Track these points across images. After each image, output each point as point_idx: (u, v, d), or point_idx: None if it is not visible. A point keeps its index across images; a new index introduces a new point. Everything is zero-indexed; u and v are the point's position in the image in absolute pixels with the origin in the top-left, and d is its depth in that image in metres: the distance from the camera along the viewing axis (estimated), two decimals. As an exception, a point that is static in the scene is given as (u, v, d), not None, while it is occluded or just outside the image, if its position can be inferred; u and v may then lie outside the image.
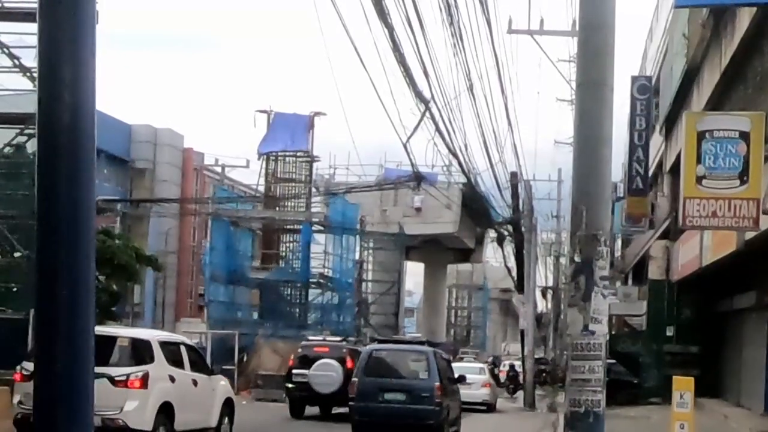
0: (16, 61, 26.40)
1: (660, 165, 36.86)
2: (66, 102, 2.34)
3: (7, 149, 28.63)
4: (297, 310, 45.74)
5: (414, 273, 76.29)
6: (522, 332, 38.56)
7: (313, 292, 46.46)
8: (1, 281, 29.25)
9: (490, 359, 58.67)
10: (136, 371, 15.21)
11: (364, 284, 54.74)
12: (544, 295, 65.70)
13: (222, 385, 18.52)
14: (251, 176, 63.63)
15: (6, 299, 28.67)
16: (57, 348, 2.38)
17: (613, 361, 31.68)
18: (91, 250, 2.41)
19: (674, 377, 20.72)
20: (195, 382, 16.91)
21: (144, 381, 15.25)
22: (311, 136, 47.31)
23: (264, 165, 47.74)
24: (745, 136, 16.48)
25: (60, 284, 2.36)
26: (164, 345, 16.39)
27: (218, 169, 65.41)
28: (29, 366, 15.35)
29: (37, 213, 2.36)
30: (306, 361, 25.87)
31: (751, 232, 17.68)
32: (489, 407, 32.42)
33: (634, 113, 31.83)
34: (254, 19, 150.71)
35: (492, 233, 48.24)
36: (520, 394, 39.92)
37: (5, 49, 26.66)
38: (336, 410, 25.29)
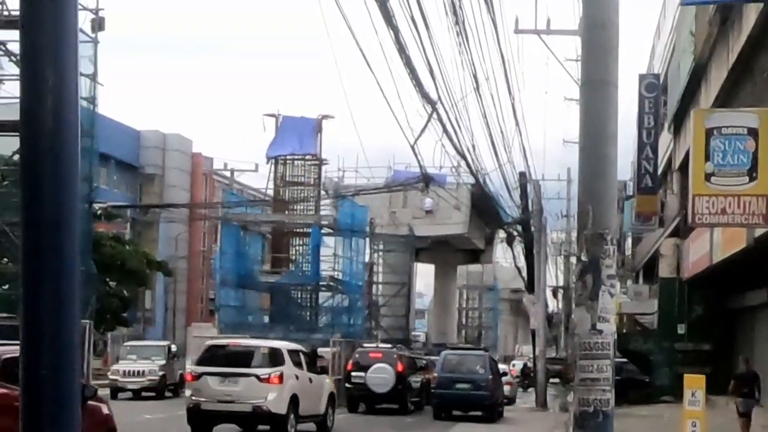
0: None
1: (669, 163, 36.79)
2: (49, 106, 2.34)
3: (16, 157, 28.75)
4: (307, 313, 45.75)
5: (424, 274, 76.24)
6: (533, 332, 38.52)
7: (323, 295, 46.46)
8: (14, 288, 29.33)
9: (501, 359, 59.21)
10: (274, 371, 20.26)
11: (374, 286, 54.70)
12: (554, 295, 65.60)
13: (327, 383, 23.71)
14: (260, 180, 63.74)
15: (17, 305, 28.73)
16: (42, 351, 2.37)
17: (625, 359, 31.64)
18: (76, 253, 2.40)
19: (686, 375, 20.68)
20: (310, 380, 21.96)
21: (280, 378, 20.26)
22: (319, 139, 47.34)
23: (273, 169, 47.76)
24: (753, 132, 16.44)
25: (45, 288, 2.36)
26: (290, 351, 21.58)
27: (227, 174, 65.49)
28: (198, 369, 20.96)
29: (21, 217, 2.36)
30: (362, 365, 30.25)
31: (761, 229, 17.64)
32: (510, 401, 36.21)
33: (643, 111, 31.80)
34: (261, 23, 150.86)
35: (502, 233, 48.19)
36: (531, 390, 40.75)
37: (13, 57, 26.74)
38: (382, 406, 30.10)
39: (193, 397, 20.59)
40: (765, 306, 24.77)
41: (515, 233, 39.04)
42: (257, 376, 20.01)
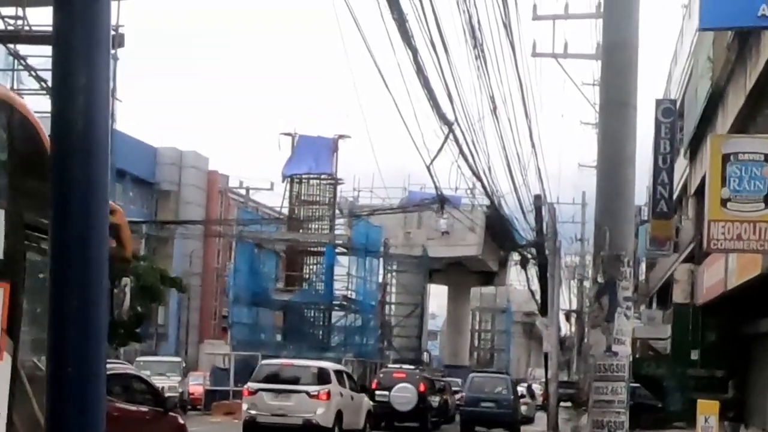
0: (43, 84, 26.66)
1: (684, 188, 36.72)
2: (80, 106, 2.37)
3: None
4: (320, 332, 45.76)
5: (437, 295, 76.14)
6: (545, 355, 38.40)
7: (336, 315, 46.46)
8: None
9: None
10: (322, 388, 22.83)
11: (387, 307, 54.69)
12: (567, 319, 65.39)
13: (366, 401, 26.57)
14: (275, 198, 63.64)
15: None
16: (69, 350, 2.38)
17: (638, 384, 31.51)
18: (105, 252, 2.43)
19: (699, 401, 20.58)
20: (352, 397, 24.57)
21: (328, 395, 22.77)
22: (335, 158, 47.46)
23: (288, 187, 47.91)
24: (770, 158, 16.41)
25: (71, 288, 2.38)
26: (336, 372, 24.34)
27: (243, 192, 65.69)
28: (254, 385, 23.46)
29: (51, 216, 2.38)
30: (386, 385, 31.79)
31: (777, 255, 17.59)
32: (529, 420, 39.20)
33: (659, 136, 31.76)
34: (280, 42, 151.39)
35: (516, 256, 48.09)
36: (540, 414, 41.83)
37: (33, 72, 26.94)
38: (403, 424, 31.82)
39: (250, 411, 23.07)
40: (779, 333, 24.67)
41: (529, 256, 38.95)
42: (308, 393, 22.63)
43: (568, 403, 49.83)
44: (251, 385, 23.81)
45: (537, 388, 50.94)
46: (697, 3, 22.14)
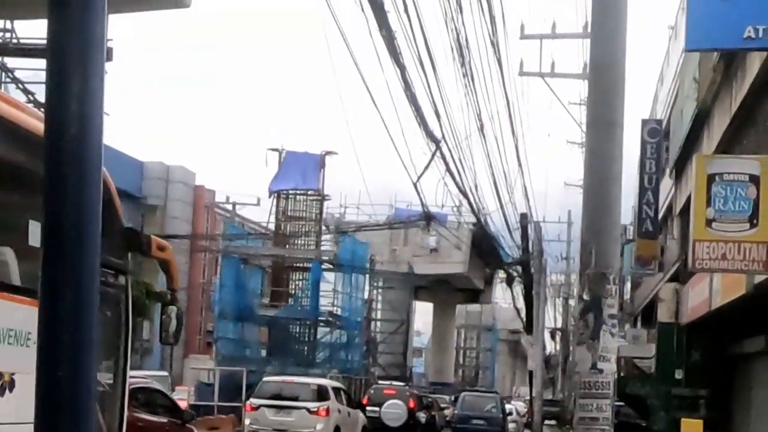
0: (30, 97, 26.63)
1: (670, 208, 36.83)
2: (74, 110, 2.38)
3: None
4: (305, 348, 45.64)
5: (423, 313, 76.07)
6: (530, 373, 38.48)
7: (321, 331, 46.37)
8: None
9: None
10: (321, 405, 23.95)
11: (372, 323, 54.61)
12: (552, 337, 65.45)
13: (361, 417, 27.79)
14: (262, 214, 63.69)
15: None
16: (59, 354, 2.40)
17: (622, 403, 31.52)
18: (96, 256, 2.45)
19: (683, 420, 20.66)
20: (348, 413, 25.74)
21: (327, 411, 23.82)
22: (322, 174, 47.44)
23: (275, 203, 47.85)
24: (755, 179, 16.48)
25: (63, 291, 2.39)
26: (333, 389, 25.59)
27: (229, 207, 65.55)
28: (256, 401, 24.68)
29: (43, 220, 2.40)
30: (377, 401, 32.66)
31: (761, 276, 17.66)
32: None
33: (644, 156, 31.87)
34: (267, 58, 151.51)
35: (501, 274, 48.18)
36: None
37: (20, 85, 26.90)
38: None
39: (253, 426, 24.29)
40: (763, 353, 24.71)
41: (515, 274, 39.03)
42: (308, 409, 23.80)
43: (553, 422, 49.84)
44: (254, 401, 24.99)
45: (521, 406, 51.10)
46: (683, 24, 22.28)
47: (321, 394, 24.70)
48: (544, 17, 67.18)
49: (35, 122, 6.90)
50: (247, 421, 24.68)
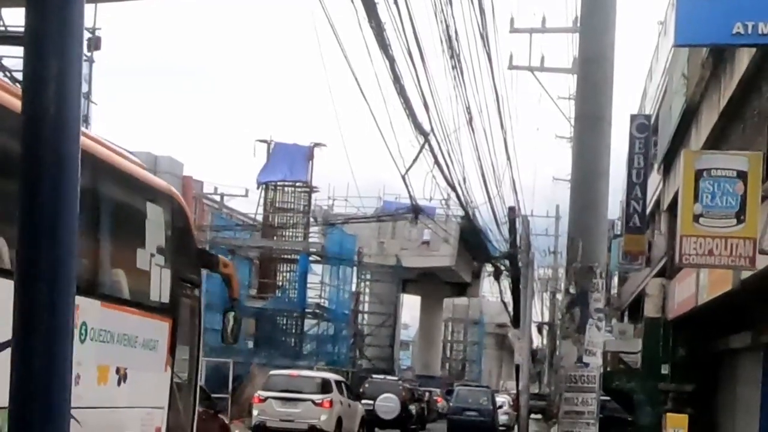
0: (18, 84, 26.49)
1: (657, 203, 36.90)
2: (51, 97, 2.35)
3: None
4: (292, 339, 45.62)
5: (410, 306, 76.14)
6: (517, 367, 38.51)
7: (308, 323, 46.33)
8: None
9: None
10: (326, 397, 25.52)
11: (360, 316, 54.61)
12: (539, 331, 65.57)
13: (360, 408, 29.27)
14: (250, 205, 63.61)
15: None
16: (35, 344, 2.36)
17: (608, 398, 31.59)
18: (74, 240, 2.41)
19: (668, 415, 20.70)
20: (349, 405, 27.36)
21: (330, 403, 25.47)
22: (311, 166, 47.37)
23: (263, 194, 47.77)
24: (742, 175, 16.51)
25: (40, 278, 2.35)
26: (336, 382, 27.22)
27: (217, 198, 65.41)
28: (264, 393, 26.16)
29: (19, 204, 2.36)
30: (371, 394, 33.93)
31: (747, 272, 17.69)
32: (509, 428, 43.19)
33: (633, 151, 31.89)
34: (256, 48, 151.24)
35: (489, 267, 48.23)
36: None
37: (8, 73, 26.77)
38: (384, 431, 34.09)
39: (260, 417, 25.65)
40: (748, 349, 24.77)
41: (502, 268, 39.03)
42: (313, 401, 25.23)
43: (539, 416, 49.97)
44: (261, 393, 26.41)
45: (507, 399, 51.41)
46: (672, 20, 22.30)
47: (325, 387, 26.21)
48: (533, 11, 67.10)
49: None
50: (255, 412, 26.08)
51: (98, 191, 8.96)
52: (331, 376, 28.33)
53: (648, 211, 34.44)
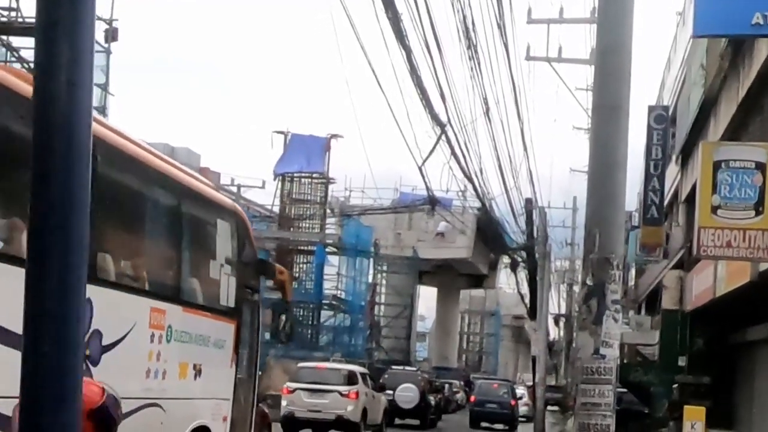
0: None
1: (675, 195, 36.77)
2: (62, 81, 2.34)
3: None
4: (309, 331, 45.69)
5: (427, 297, 76.14)
6: (533, 359, 38.47)
7: (325, 314, 46.38)
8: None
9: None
10: (352, 388, 26.49)
11: (376, 307, 54.63)
12: (556, 323, 65.46)
13: (383, 399, 30.36)
14: (267, 197, 63.64)
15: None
16: (46, 334, 2.35)
17: (625, 390, 31.50)
18: (86, 231, 2.40)
19: (686, 407, 20.61)
20: (373, 396, 28.53)
21: (356, 394, 26.52)
22: (327, 158, 47.34)
23: (279, 186, 47.80)
24: (761, 166, 16.44)
25: (51, 263, 2.34)
26: (361, 374, 28.31)
27: (234, 189, 65.48)
28: (292, 384, 26.84)
29: (31, 194, 2.35)
30: (391, 385, 34.32)
31: (766, 263, 17.62)
32: (529, 419, 42.75)
33: (651, 143, 31.79)
34: (273, 40, 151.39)
35: (506, 259, 48.15)
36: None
37: (26, 64, 26.85)
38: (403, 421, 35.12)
39: (289, 407, 26.31)
40: (766, 341, 24.69)
41: (519, 259, 38.97)
42: (340, 392, 26.12)
43: (555, 407, 49.96)
44: (290, 384, 27.17)
45: (526, 391, 51.48)
46: (691, 10, 22.18)
47: (351, 378, 27.16)
48: (551, 1, 66.97)
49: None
50: (284, 403, 26.71)
51: (180, 211, 10.43)
52: (357, 369, 29.42)
53: (666, 202, 34.34)
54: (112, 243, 8.83)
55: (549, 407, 43.22)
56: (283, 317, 14.53)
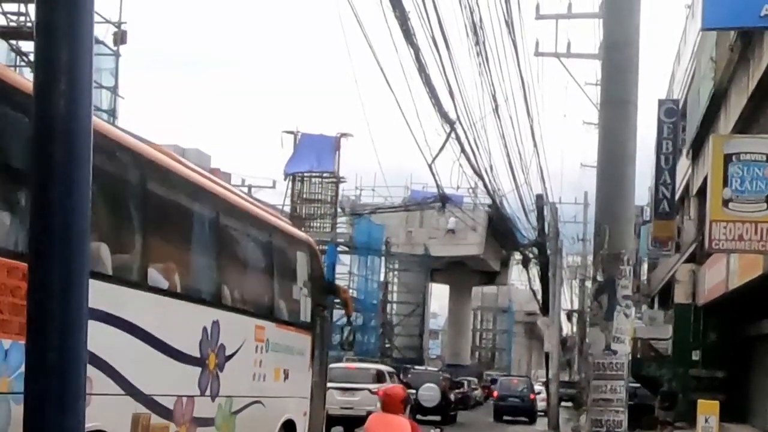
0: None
1: (687, 188, 36.68)
2: (62, 86, 2.34)
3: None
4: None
5: (439, 295, 76.06)
6: (547, 355, 38.43)
7: (337, 313, 46.38)
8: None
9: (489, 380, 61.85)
10: (381, 386, 25.80)
11: (388, 306, 54.62)
12: (569, 319, 65.33)
13: (408, 397, 31.99)
14: (277, 197, 63.66)
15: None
16: (50, 336, 2.35)
17: (638, 384, 31.43)
18: (87, 234, 2.39)
19: (700, 401, 20.55)
20: None
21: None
22: (338, 157, 47.25)
23: (290, 185, 47.78)
24: (772, 159, 16.37)
25: (53, 271, 2.34)
26: (389, 372, 30.40)
27: (245, 190, 65.48)
28: None
29: (32, 198, 2.35)
30: (414, 384, 35.47)
31: (778, 256, 17.55)
32: (546, 413, 43.73)
33: (661, 136, 31.70)
34: (281, 39, 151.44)
35: (517, 255, 48.09)
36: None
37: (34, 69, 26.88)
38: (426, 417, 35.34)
39: None
40: (780, 334, 24.63)
41: (531, 256, 38.92)
42: (370, 390, 27.07)
43: (569, 403, 49.86)
44: None
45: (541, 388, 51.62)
46: (700, 3, 22.11)
47: (379, 377, 28.90)
48: (559, -3, 66.80)
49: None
50: None
51: (272, 247, 12.92)
52: (384, 368, 31.13)
53: (677, 196, 34.24)
54: (229, 276, 11.15)
55: (563, 403, 43.11)
56: (347, 329, 17.46)
